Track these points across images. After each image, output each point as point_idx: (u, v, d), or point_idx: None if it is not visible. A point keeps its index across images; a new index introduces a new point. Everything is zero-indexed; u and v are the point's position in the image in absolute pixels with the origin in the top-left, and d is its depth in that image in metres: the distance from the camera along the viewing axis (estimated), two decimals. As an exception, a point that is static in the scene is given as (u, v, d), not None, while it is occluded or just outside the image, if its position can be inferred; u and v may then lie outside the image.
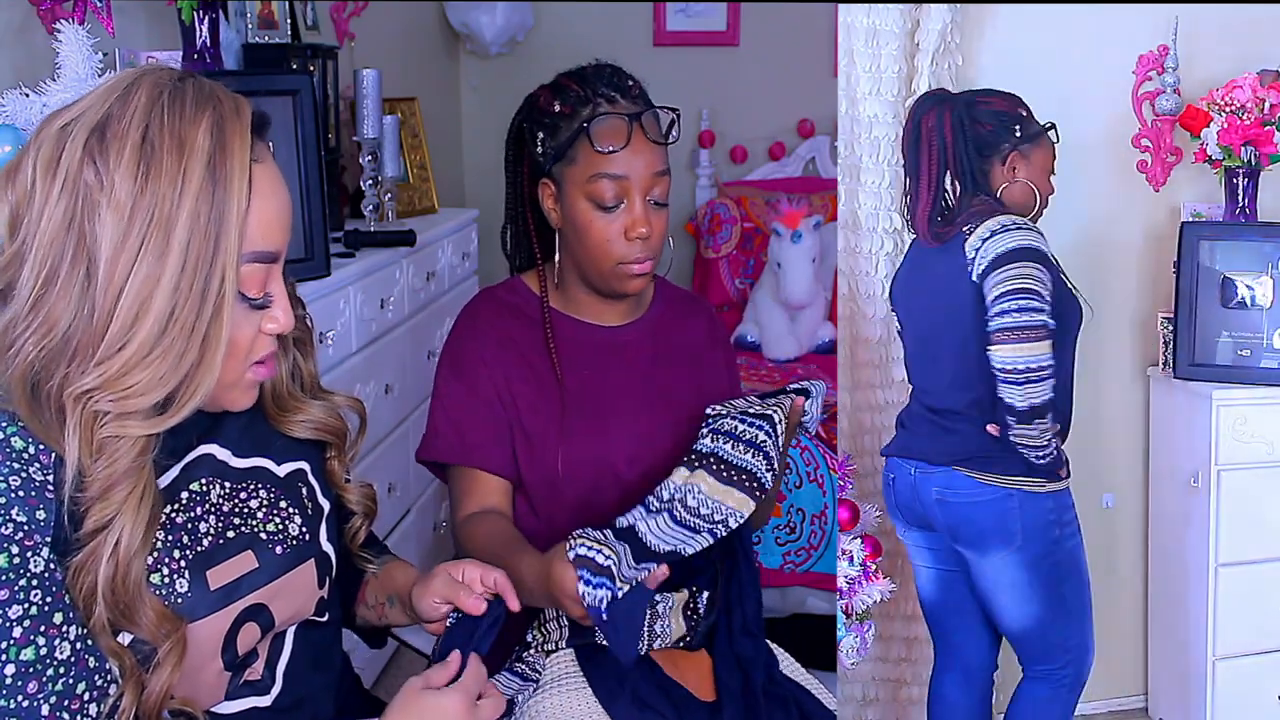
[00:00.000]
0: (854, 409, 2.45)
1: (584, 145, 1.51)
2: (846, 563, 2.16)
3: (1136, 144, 2.54)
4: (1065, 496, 2.00)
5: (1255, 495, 2.33)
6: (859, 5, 2.37)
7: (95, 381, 0.98)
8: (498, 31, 4.12)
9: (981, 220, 1.91)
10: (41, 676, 0.94)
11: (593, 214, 1.52)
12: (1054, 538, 1.98)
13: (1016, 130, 1.99)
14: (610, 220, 1.52)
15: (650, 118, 1.53)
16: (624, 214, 1.51)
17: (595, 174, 1.50)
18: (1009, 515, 1.95)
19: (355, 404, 1.32)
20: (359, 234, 2.67)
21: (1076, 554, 2.02)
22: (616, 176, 1.50)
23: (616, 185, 1.50)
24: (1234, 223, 2.40)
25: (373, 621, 1.39)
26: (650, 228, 1.52)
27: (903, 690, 2.51)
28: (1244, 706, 2.39)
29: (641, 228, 1.51)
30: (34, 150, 1.01)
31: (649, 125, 1.52)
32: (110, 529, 0.99)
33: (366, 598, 1.38)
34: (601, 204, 1.51)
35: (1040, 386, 1.85)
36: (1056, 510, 1.99)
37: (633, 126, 1.50)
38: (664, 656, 1.51)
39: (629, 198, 1.51)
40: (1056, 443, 1.93)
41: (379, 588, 1.37)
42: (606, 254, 1.53)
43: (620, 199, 1.51)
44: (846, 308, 2.46)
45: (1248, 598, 2.36)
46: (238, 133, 1.02)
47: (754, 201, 4.09)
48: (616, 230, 1.52)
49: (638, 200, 1.51)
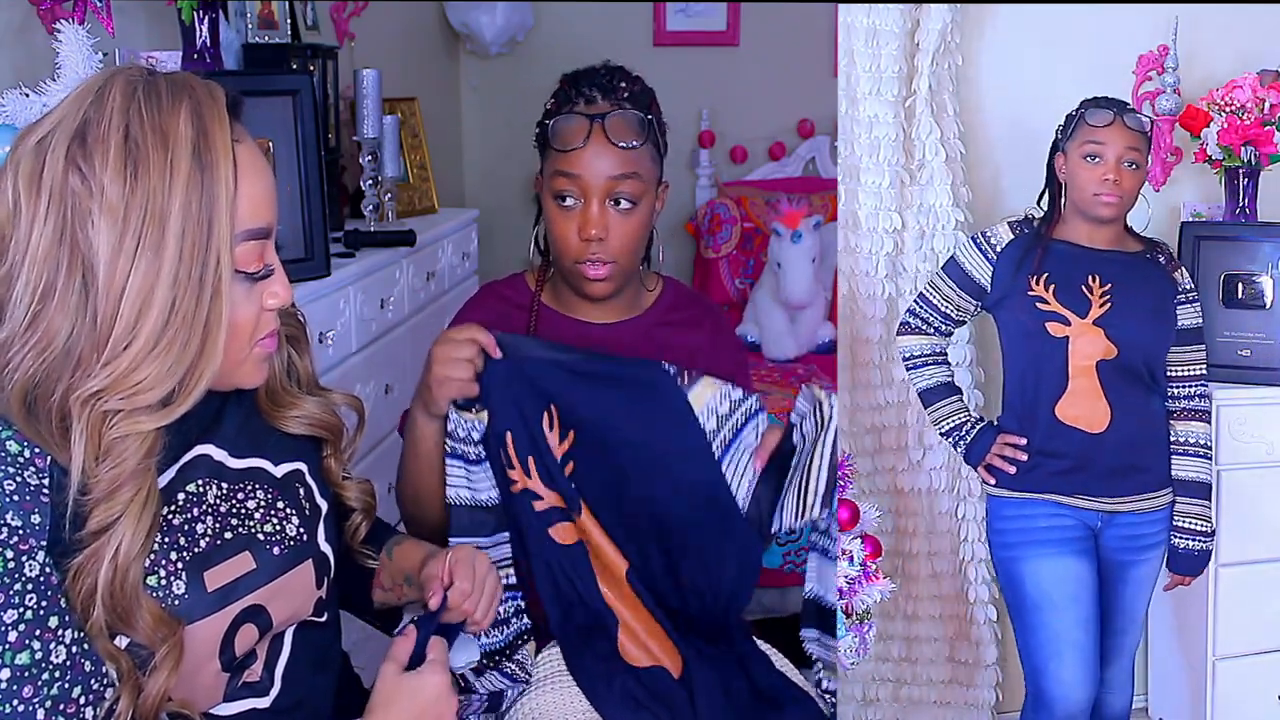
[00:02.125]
0: (854, 409, 2.45)
1: (549, 142, 1.54)
2: (846, 563, 2.15)
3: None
4: (996, 504, 2.09)
5: (1255, 495, 2.33)
6: (859, 5, 2.37)
7: (103, 382, 0.98)
8: (498, 31, 4.12)
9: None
10: (37, 681, 0.94)
11: (555, 211, 1.55)
12: (991, 543, 2.12)
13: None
14: (568, 218, 1.53)
15: (618, 119, 1.52)
16: (580, 213, 1.53)
17: (555, 171, 1.53)
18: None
19: (353, 402, 1.32)
20: (359, 234, 2.67)
21: (1009, 567, 2.07)
22: (571, 175, 1.51)
23: (572, 184, 1.52)
24: (1234, 223, 2.39)
25: (392, 603, 1.40)
26: (605, 231, 1.52)
27: (903, 690, 2.51)
28: (1244, 706, 2.39)
29: (593, 228, 1.51)
30: (12, 169, 1.00)
31: (614, 127, 1.51)
32: (113, 531, 0.99)
33: (383, 581, 1.39)
34: (560, 201, 1.53)
35: (916, 375, 2.12)
36: (990, 517, 2.11)
37: (593, 126, 1.50)
38: (636, 643, 1.51)
39: (585, 198, 1.52)
40: (959, 436, 2.08)
41: (395, 570, 1.37)
42: (564, 250, 1.55)
43: (577, 198, 1.52)
44: (846, 308, 2.45)
45: (1248, 598, 2.36)
46: (216, 116, 1.03)
47: (754, 201, 4.09)
48: (572, 228, 1.53)
49: (594, 201, 1.51)
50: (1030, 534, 2.04)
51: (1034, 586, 2.03)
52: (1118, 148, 1.98)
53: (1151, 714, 2.62)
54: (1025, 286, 2.02)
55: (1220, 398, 2.28)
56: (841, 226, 2.44)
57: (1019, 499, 2.05)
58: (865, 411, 2.45)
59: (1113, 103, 2.03)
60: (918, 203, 2.42)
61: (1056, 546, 2.02)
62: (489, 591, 1.29)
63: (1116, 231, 2.07)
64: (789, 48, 4.17)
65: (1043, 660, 2.02)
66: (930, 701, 2.51)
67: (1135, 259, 2.06)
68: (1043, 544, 2.02)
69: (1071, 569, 2.02)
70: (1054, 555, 2.02)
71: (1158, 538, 2.07)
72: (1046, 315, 2.00)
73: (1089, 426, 2.00)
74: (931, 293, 2.14)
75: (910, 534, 2.46)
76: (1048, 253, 2.03)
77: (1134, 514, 2.04)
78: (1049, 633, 2.02)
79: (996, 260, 2.06)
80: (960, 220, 2.41)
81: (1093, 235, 2.05)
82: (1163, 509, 2.06)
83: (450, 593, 1.25)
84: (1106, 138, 1.99)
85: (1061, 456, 2.02)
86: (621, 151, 1.51)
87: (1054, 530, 2.03)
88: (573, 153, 1.51)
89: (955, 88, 2.43)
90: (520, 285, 1.69)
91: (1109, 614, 2.08)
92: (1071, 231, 2.06)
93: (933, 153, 2.40)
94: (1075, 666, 2.00)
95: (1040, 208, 2.11)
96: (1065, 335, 2.00)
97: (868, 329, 2.43)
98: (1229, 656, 2.37)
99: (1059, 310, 2.00)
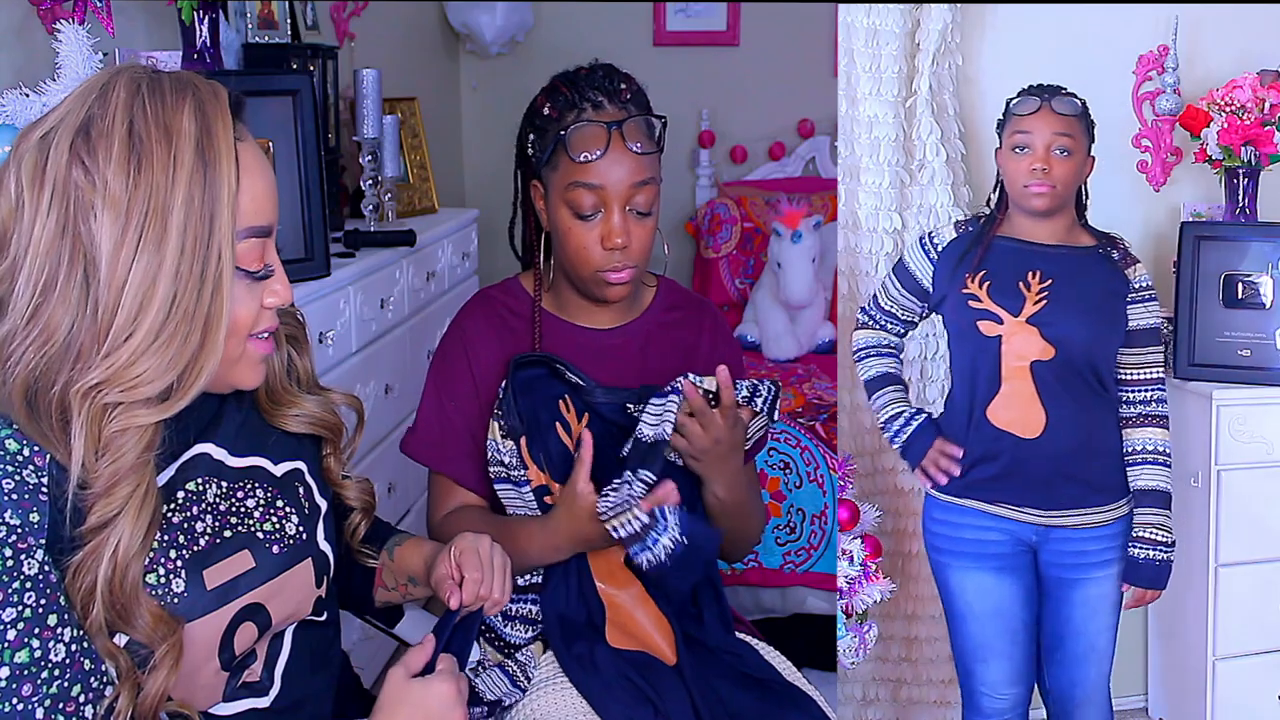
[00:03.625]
0: (854, 409, 2.45)
1: (563, 152, 1.49)
2: (846, 563, 2.16)
3: (1136, 144, 2.54)
4: (929, 503, 2.03)
5: (1255, 495, 2.33)
6: (859, 5, 2.37)
7: (103, 375, 0.98)
8: (498, 31, 4.12)
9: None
10: (36, 679, 0.94)
11: (571, 221, 1.50)
12: (925, 542, 2.06)
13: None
14: (588, 229, 1.50)
15: (633, 125, 1.49)
16: (601, 223, 1.49)
17: (572, 182, 1.48)
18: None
19: (353, 401, 1.32)
20: (359, 234, 2.67)
21: (938, 570, 2.01)
22: (592, 186, 1.48)
23: (593, 195, 1.48)
24: (1234, 223, 2.39)
25: (396, 601, 1.40)
26: (628, 238, 1.49)
27: (903, 690, 2.51)
28: (1244, 706, 2.39)
29: (617, 238, 1.48)
30: (15, 164, 1.01)
31: (631, 133, 1.49)
32: (112, 526, 0.99)
33: (385, 581, 1.39)
34: (579, 212, 1.49)
35: (860, 366, 2.07)
36: (924, 516, 2.05)
37: (612, 134, 1.47)
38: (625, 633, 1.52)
39: (606, 207, 1.49)
40: (895, 429, 1.99)
41: (398, 570, 1.37)
42: (585, 261, 1.52)
43: (597, 208, 1.49)
44: (846, 308, 2.45)
45: (1248, 598, 2.36)
46: (219, 114, 1.03)
47: (754, 201, 4.09)
48: (593, 239, 1.50)
49: (615, 210, 1.48)
50: (956, 544, 1.96)
51: (959, 595, 1.97)
52: (1045, 135, 1.87)
53: (1151, 714, 2.62)
54: (962, 284, 1.93)
55: (1220, 398, 2.28)
56: (841, 226, 2.44)
57: (946, 503, 1.97)
58: (865, 411, 2.45)
59: (1043, 89, 1.92)
60: (918, 203, 2.42)
61: (979, 561, 1.94)
62: (499, 567, 1.29)
63: (1064, 225, 1.95)
64: (789, 48, 4.17)
65: (969, 663, 1.98)
66: (930, 701, 2.51)
67: (1083, 254, 1.94)
68: (966, 556, 1.95)
69: (990, 585, 1.93)
70: (976, 570, 1.94)
71: (1105, 556, 1.92)
72: (979, 314, 1.90)
73: (1021, 431, 1.88)
74: (880, 294, 2.06)
75: (910, 534, 2.46)
76: (989, 250, 1.93)
77: (1074, 530, 1.91)
78: (974, 641, 1.97)
79: (938, 259, 1.97)
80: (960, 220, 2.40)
81: (1035, 230, 1.94)
82: (1110, 525, 1.92)
83: (464, 587, 1.25)
84: (1032, 126, 1.89)
85: (990, 461, 1.91)
86: (639, 157, 1.49)
87: (978, 544, 1.94)
88: (593, 163, 1.47)
89: (955, 88, 2.43)
90: (517, 291, 1.66)
91: (1061, 637, 1.96)
92: (1015, 228, 1.96)
93: (933, 153, 2.40)
94: (1000, 672, 1.95)
95: (989, 207, 2.03)
96: (998, 334, 1.89)
97: (868, 329, 2.43)
98: (1229, 656, 2.37)
99: (991, 308, 1.89)
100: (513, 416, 1.50)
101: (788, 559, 2.87)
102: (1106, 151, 2.54)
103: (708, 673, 1.48)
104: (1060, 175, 1.88)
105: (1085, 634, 1.95)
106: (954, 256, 1.96)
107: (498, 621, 1.52)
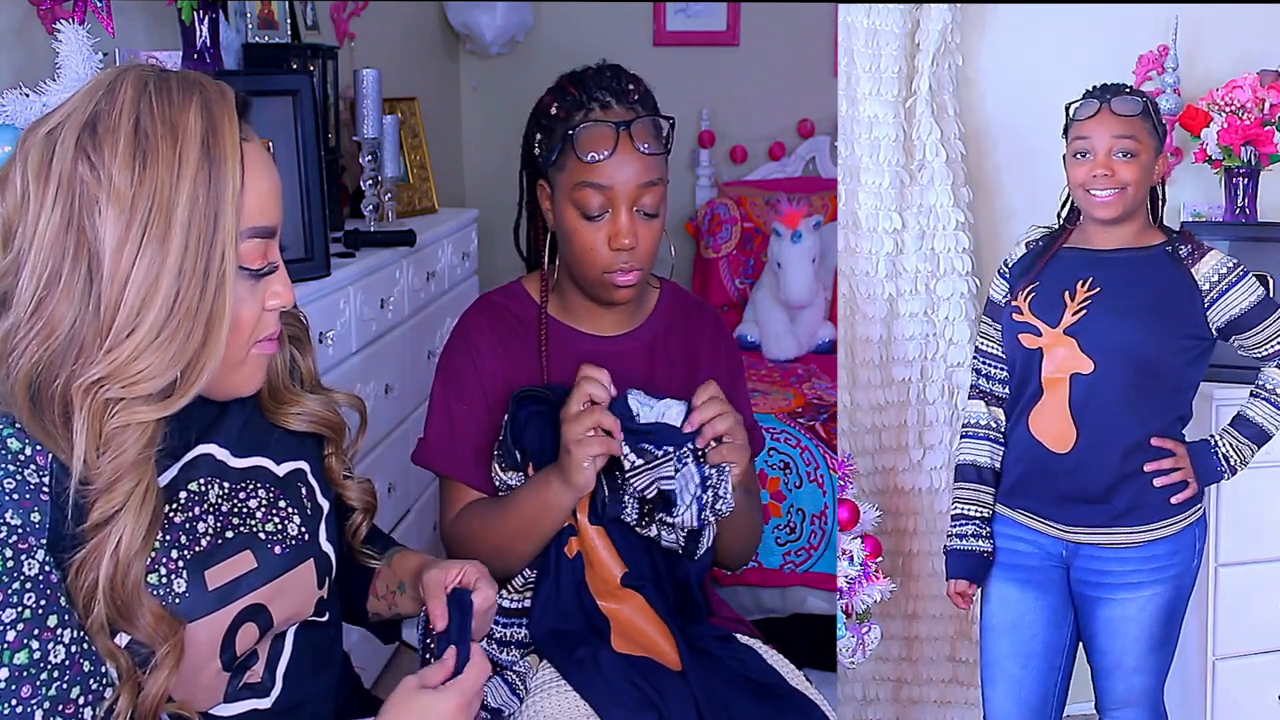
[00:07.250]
0: (854, 409, 2.45)
1: (570, 152, 1.48)
2: (846, 563, 2.16)
3: (1137, 144, 2.54)
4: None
5: (1255, 495, 2.33)
6: (859, 5, 2.37)
7: (105, 370, 0.99)
8: (498, 31, 4.12)
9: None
10: (35, 680, 0.94)
11: (578, 221, 1.50)
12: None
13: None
14: (595, 229, 1.49)
15: (641, 126, 1.48)
16: (609, 224, 1.48)
17: (579, 182, 1.48)
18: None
19: (355, 402, 1.32)
20: (359, 234, 2.67)
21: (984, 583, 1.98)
22: (601, 186, 1.47)
23: (601, 195, 1.47)
24: (1234, 223, 2.39)
25: (384, 613, 1.39)
26: (635, 239, 1.48)
27: (903, 690, 2.51)
28: (1244, 706, 2.39)
29: (625, 239, 1.48)
30: (22, 159, 1.01)
31: (639, 133, 1.48)
32: (114, 524, 1.00)
33: (378, 589, 1.39)
34: (586, 213, 1.48)
35: (961, 445, 2.00)
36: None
37: (620, 134, 1.46)
38: (630, 640, 1.53)
39: (614, 208, 1.48)
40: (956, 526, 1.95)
41: (389, 577, 1.37)
42: (592, 262, 1.51)
43: (605, 209, 1.48)
44: (846, 308, 2.45)
45: (1248, 598, 2.36)
46: (226, 113, 1.04)
47: (754, 201, 4.09)
48: (601, 239, 1.49)
49: (623, 211, 1.48)
50: (995, 553, 1.95)
51: (985, 606, 1.97)
52: (1105, 139, 1.80)
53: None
54: (1014, 298, 1.91)
55: (1220, 397, 2.28)
56: (841, 226, 2.44)
57: (997, 512, 1.96)
58: (865, 411, 2.45)
59: (1104, 90, 1.85)
60: (918, 203, 2.42)
61: (1007, 571, 1.92)
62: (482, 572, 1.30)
63: (1134, 230, 1.87)
64: (789, 48, 4.17)
65: (983, 686, 1.98)
66: (930, 701, 2.51)
67: (1144, 256, 1.86)
68: (998, 565, 1.93)
69: (1013, 598, 1.91)
70: (1003, 580, 1.93)
71: (1134, 579, 1.85)
72: (1020, 326, 1.87)
73: (1051, 444, 1.84)
74: (979, 338, 2.01)
75: (910, 534, 2.47)
76: (1051, 261, 1.89)
77: (1103, 548, 1.85)
78: (988, 656, 1.96)
79: (1010, 279, 1.94)
80: (960, 220, 2.41)
81: (1105, 237, 1.87)
82: (1141, 546, 1.83)
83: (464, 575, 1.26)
84: (1091, 130, 1.82)
85: (1020, 470, 1.90)
86: (646, 158, 1.48)
87: (1008, 554, 1.92)
88: (601, 163, 1.46)
89: (955, 88, 2.43)
90: (520, 295, 1.64)
91: (1089, 652, 1.93)
92: (1084, 236, 1.90)
93: (933, 153, 2.40)
94: (1006, 697, 1.92)
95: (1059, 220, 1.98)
96: (1038, 346, 1.85)
97: (868, 329, 2.43)
98: (1229, 656, 2.37)
99: (1030, 320, 1.87)
100: (512, 456, 1.52)
101: (788, 559, 2.87)
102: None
103: (711, 677, 1.47)
104: (1125, 179, 1.81)
105: (1111, 653, 1.90)
106: (1020, 272, 1.93)
107: (491, 647, 1.52)
